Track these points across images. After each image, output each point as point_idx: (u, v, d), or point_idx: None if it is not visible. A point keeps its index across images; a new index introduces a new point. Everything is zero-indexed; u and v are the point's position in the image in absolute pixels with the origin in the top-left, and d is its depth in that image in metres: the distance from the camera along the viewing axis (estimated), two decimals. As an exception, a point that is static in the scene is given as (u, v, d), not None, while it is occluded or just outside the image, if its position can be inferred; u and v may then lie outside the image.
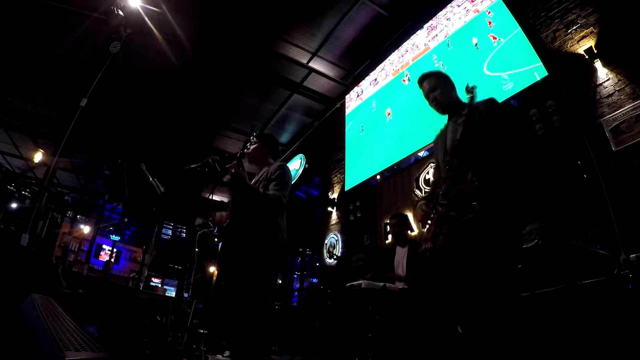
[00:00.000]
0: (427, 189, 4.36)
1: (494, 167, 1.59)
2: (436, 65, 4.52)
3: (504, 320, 1.42)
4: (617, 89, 2.84)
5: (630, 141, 2.64)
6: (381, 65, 5.79)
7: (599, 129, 2.85)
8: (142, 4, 4.74)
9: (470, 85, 1.71)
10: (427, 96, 1.96)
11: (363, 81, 6.20)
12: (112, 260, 12.73)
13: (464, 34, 4.26)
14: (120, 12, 4.48)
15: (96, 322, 4.17)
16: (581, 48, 3.09)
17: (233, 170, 2.03)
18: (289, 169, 2.37)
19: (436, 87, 1.91)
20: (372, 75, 6.01)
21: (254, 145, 2.34)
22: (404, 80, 5.17)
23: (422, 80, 1.97)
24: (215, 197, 11.23)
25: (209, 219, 3.23)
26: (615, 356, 1.69)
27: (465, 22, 4.30)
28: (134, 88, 6.90)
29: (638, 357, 1.62)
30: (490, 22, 3.94)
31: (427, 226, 1.72)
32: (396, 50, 5.49)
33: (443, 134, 1.95)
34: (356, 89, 6.34)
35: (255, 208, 2.09)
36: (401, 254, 3.40)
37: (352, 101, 6.36)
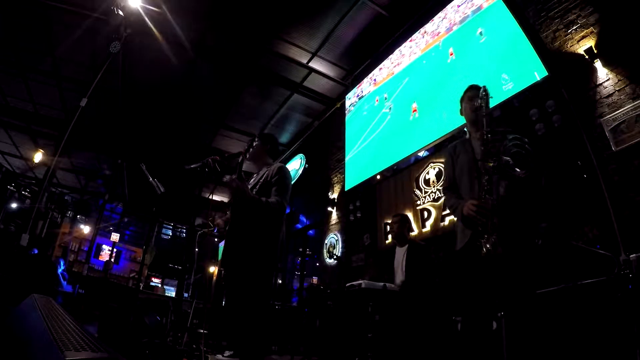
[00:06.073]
0: (427, 188, 4.37)
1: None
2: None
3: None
4: (617, 89, 2.84)
5: (630, 141, 2.64)
6: (385, 62, 5.78)
7: (599, 129, 2.85)
8: (142, 4, 4.73)
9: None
10: (468, 100, 1.95)
11: (363, 81, 6.20)
12: (112, 260, 12.72)
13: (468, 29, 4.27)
14: (120, 12, 4.47)
15: (96, 322, 4.17)
16: (581, 48, 3.09)
17: (234, 185, 2.05)
18: (289, 172, 2.37)
19: (481, 101, 1.88)
20: (373, 74, 6.01)
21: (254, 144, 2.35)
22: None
23: (474, 89, 1.96)
24: (215, 197, 11.22)
25: (209, 219, 3.23)
26: (615, 356, 1.69)
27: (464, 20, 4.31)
28: (134, 88, 6.89)
29: (637, 357, 1.62)
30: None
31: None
32: (398, 49, 5.49)
33: (467, 147, 1.93)
34: (356, 89, 6.34)
35: (257, 215, 2.11)
36: (400, 254, 3.43)
37: (351, 100, 6.36)
